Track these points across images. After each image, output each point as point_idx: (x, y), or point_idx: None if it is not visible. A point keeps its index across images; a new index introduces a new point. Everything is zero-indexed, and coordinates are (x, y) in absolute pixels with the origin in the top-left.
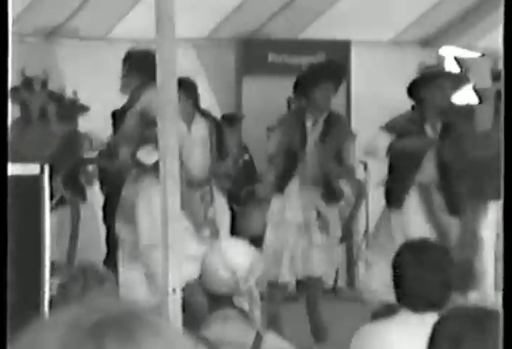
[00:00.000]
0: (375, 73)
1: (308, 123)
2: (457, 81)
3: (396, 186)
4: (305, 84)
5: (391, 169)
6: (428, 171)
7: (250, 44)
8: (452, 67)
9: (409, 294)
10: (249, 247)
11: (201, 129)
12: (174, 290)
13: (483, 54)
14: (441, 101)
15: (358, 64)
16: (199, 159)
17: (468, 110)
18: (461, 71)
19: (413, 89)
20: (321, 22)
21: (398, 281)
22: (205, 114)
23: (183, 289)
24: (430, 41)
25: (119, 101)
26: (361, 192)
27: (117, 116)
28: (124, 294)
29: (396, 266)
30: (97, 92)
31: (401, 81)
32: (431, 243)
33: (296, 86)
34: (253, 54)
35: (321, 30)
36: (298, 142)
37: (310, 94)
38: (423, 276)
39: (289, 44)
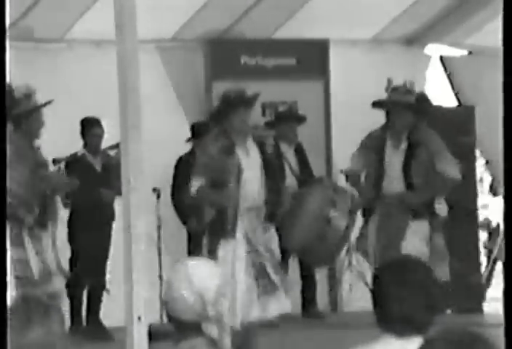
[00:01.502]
0: (355, 73)
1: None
2: (420, 111)
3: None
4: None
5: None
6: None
7: (220, 45)
8: (436, 67)
9: (391, 318)
10: (216, 267)
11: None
12: (139, 318)
13: (470, 52)
14: (401, 126)
15: (337, 64)
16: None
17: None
18: (445, 72)
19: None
20: (296, 19)
21: (379, 303)
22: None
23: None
24: (414, 39)
25: (79, 111)
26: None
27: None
28: None
29: (376, 287)
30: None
31: (382, 81)
32: (414, 262)
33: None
34: (223, 56)
35: (297, 28)
36: None
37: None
38: (406, 297)
39: (263, 45)
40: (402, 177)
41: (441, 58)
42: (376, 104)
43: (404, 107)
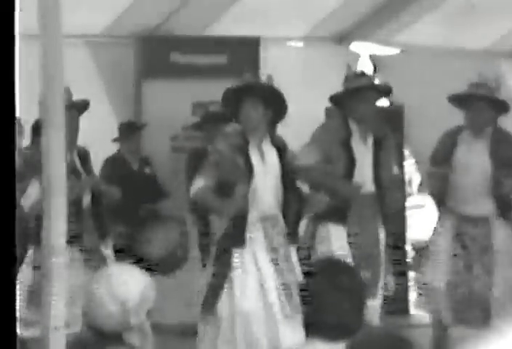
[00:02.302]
0: (286, 70)
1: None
2: (382, 91)
3: None
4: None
5: None
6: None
7: (150, 42)
8: (365, 65)
9: (319, 322)
10: (140, 274)
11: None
12: (56, 327)
13: (402, 50)
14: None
15: (268, 62)
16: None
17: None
18: (374, 70)
19: (338, 100)
20: (228, 17)
21: (307, 307)
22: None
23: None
24: (345, 37)
25: None
26: None
27: None
28: None
29: (304, 291)
30: None
31: (314, 79)
32: (341, 265)
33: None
34: (154, 53)
35: (228, 26)
36: None
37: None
38: (334, 301)
39: (193, 42)
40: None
41: (371, 56)
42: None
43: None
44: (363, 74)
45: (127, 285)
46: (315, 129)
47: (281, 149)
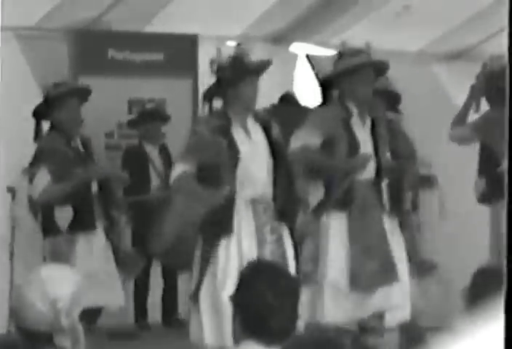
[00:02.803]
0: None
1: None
2: (379, 69)
3: None
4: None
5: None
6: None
7: (86, 37)
8: (303, 65)
9: (253, 324)
10: (71, 272)
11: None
12: None
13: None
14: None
15: (205, 60)
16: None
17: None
18: (313, 70)
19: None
20: (166, 14)
21: (239, 310)
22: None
23: None
24: (282, 38)
25: None
26: None
27: None
28: None
29: (237, 294)
30: None
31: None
32: (275, 268)
33: None
34: (89, 48)
35: (167, 23)
36: None
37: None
38: (268, 305)
39: (131, 39)
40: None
41: (308, 57)
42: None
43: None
44: (360, 51)
45: (58, 284)
46: (312, 111)
47: (267, 126)
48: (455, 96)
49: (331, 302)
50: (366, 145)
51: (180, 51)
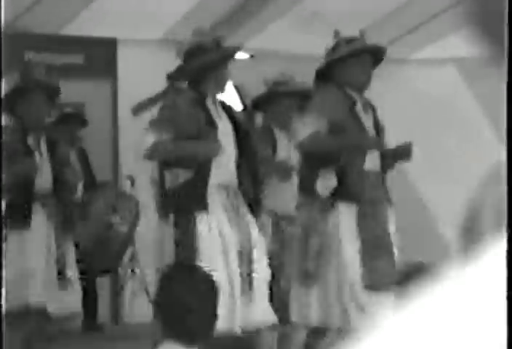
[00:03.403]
0: (142, 72)
1: None
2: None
3: None
4: None
5: None
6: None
7: (4, 38)
8: None
9: (172, 324)
10: None
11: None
12: None
13: (252, 56)
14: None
15: (125, 63)
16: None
17: None
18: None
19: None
20: (85, 16)
21: (159, 312)
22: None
23: None
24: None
25: None
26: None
27: None
28: None
29: (158, 296)
30: None
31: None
32: (195, 270)
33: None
34: (7, 50)
35: (86, 26)
36: None
37: None
38: (188, 306)
39: (50, 41)
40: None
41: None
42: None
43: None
44: (354, 38)
45: None
46: (313, 100)
47: (232, 111)
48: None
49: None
50: (371, 132)
51: (99, 54)
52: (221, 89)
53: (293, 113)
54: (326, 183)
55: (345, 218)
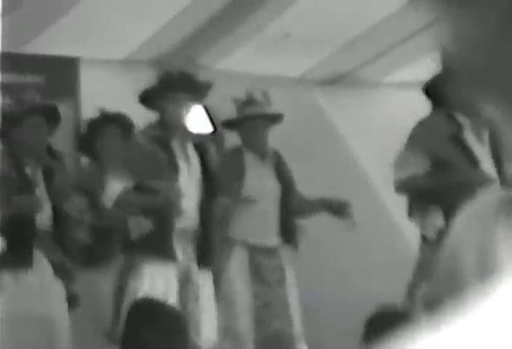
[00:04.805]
0: (106, 93)
1: None
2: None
3: None
4: None
5: None
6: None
7: None
8: None
9: None
10: None
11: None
12: None
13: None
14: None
15: (87, 83)
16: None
17: None
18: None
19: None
20: (46, 36)
21: (128, 347)
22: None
23: None
24: (166, 61)
25: None
26: None
27: None
28: None
29: (125, 331)
30: None
31: (132, 102)
32: (163, 306)
33: None
34: None
35: (46, 45)
36: None
37: None
38: (154, 342)
39: (10, 59)
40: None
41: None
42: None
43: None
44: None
45: None
46: (412, 130)
47: (204, 153)
48: (338, 124)
49: None
50: (486, 163)
51: (61, 74)
52: (181, 131)
53: (266, 133)
54: (432, 223)
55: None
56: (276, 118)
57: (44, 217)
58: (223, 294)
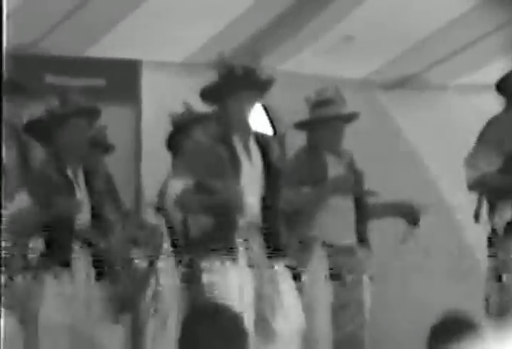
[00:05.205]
0: (167, 95)
1: None
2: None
3: None
4: None
5: None
6: None
7: (22, 61)
8: None
9: None
10: None
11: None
12: None
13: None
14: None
15: (149, 86)
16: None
17: None
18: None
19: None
20: (107, 39)
21: None
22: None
23: None
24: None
25: None
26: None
27: None
28: None
29: (182, 336)
30: None
31: (193, 104)
32: (222, 309)
33: None
34: (26, 73)
35: (108, 48)
36: None
37: None
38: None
39: (70, 64)
40: None
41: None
42: None
43: None
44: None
45: None
46: (484, 127)
47: (265, 148)
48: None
49: None
50: None
51: (122, 77)
52: (243, 127)
53: (342, 133)
54: (501, 216)
55: None
56: (351, 118)
57: (83, 218)
58: (303, 294)
